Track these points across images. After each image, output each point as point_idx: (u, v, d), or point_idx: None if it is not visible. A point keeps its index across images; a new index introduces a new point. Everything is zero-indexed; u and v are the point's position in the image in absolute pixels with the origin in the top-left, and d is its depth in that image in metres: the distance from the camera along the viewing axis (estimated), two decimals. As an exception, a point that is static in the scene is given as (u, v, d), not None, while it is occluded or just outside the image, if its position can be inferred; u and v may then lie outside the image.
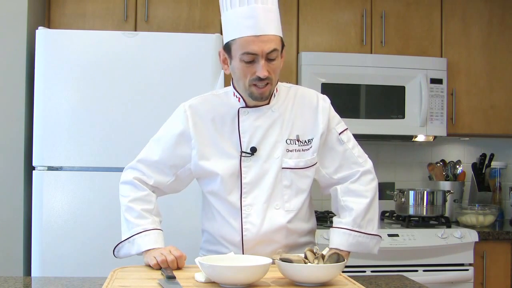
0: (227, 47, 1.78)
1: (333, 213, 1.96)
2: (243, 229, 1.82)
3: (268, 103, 1.86)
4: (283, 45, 1.81)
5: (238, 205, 1.82)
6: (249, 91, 1.79)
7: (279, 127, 1.85)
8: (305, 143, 1.85)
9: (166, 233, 1.88)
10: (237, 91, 1.86)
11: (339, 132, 1.91)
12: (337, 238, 1.87)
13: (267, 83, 1.77)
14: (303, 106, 1.89)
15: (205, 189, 1.90)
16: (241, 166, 1.83)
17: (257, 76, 1.74)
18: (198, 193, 2.00)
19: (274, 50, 1.74)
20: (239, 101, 1.87)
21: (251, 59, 1.73)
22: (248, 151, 1.83)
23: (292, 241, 1.85)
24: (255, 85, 1.76)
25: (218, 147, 1.85)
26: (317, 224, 2.02)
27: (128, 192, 1.88)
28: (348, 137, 1.92)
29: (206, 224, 1.93)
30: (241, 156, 1.83)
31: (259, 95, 1.78)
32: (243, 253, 1.82)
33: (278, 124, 1.85)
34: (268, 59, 1.74)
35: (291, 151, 1.84)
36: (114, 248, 1.87)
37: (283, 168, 1.83)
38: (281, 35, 1.80)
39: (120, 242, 1.85)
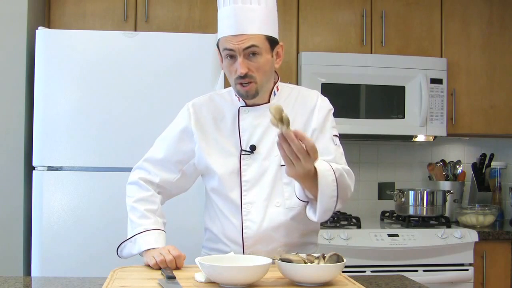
0: (218, 46, 1.84)
1: (333, 213, 1.90)
2: (243, 227, 1.82)
3: (268, 102, 1.87)
4: (273, 44, 1.81)
5: (239, 203, 1.83)
6: (236, 89, 1.83)
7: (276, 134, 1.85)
8: None
9: (168, 231, 1.89)
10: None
11: (333, 134, 1.90)
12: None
13: (251, 82, 1.78)
14: (303, 106, 1.90)
15: (208, 186, 1.92)
16: (241, 164, 1.84)
17: (238, 75, 1.77)
18: (200, 192, 2.00)
19: (252, 46, 1.75)
20: (239, 100, 1.89)
21: (230, 55, 1.77)
22: (248, 149, 1.84)
23: (292, 239, 1.85)
24: (240, 83, 1.79)
25: (219, 145, 1.87)
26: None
27: (133, 193, 1.91)
28: (338, 143, 1.91)
29: (208, 222, 1.94)
30: (240, 154, 1.84)
31: (244, 93, 1.81)
32: (243, 251, 1.82)
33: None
34: (248, 56, 1.76)
35: None
36: (118, 248, 1.88)
37: (282, 165, 1.83)
38: (270, 34, 1.80)
39: (123, 242, 1.87)
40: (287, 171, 1.62)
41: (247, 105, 1.88)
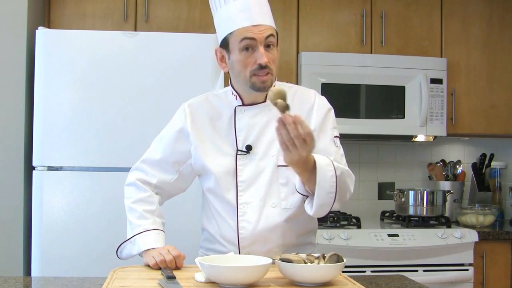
0: (225, 43, 1.81)
1: (333, 213, 1.91)
2: (239, 227, 1.82)
3: (265, 101, 1.87)
4: (277, 39, 1.83)
5: (235, 203, 1.83)
6: (251, 83, 1.79)
7: (275, 125, 1.85)
8: None
9: (167, 232, 1.89)
10: (234, 90, 1.88)
11: (334, 136, 1.89)
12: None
13: (268, 73, 1.78)
14: (301, 105, 1.89)
15: (204, 186, 1.92)
16: (237, 164, 1.84)
17: (258, 64, 1.75)
18: (198, 192, 2.00)
19: (271, 35, 1.77)
20: (236, 99, 1.88)
21: (250, 45, 1.75)
22: (244, 149, 1.84)
23: (289, 240, 1.85)
24: (256, 75, 1.77)
25: (215, 146, 1.87)
26: (318, 224, 2.01)
27: (131, 194, 1.91)
28: (339, 144, 1.91)
29: (205, 222, 1.95)
30: (236, 154, 1.84)
31: (261, 84, 1.78)
32: (239, 252, 1.82)
33: (275, 122, 1.85)
34: (267, 46, 1.76)
35: None
36: (117, 249, 1.88)
37: (278, 166, 1.83)
38: (275, 27, 1.82)
39: (123, 243, 1.87)
40: (284, 157, 1.62)
41: (243, 105, 1.88)
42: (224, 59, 1.84)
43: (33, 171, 2.75)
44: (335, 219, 3.21)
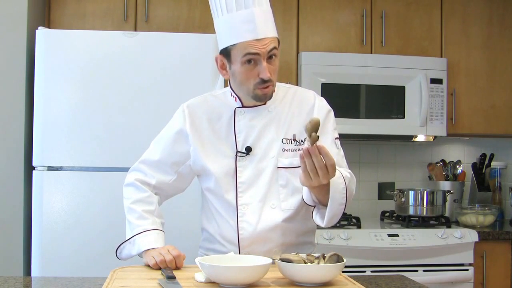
0: (226, 52, 1.79)
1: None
2: (239, 228, 1.82)
3: (265, 103, 1.87)
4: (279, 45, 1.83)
5: (234, 204, 1.83)
6: (253, 94, 1.80)
7: (275, 127, 1.86)
8: (301, 143, 1.85)
9: (166, 232, 1.89)
10: (234, 92, 1.88)
11: (335, 137, 1.90)
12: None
13: (269, 85, 1.78)
14: (300, 106, 1.89)
15: (203, 186, 1.92)
16: (237, 165, 1.84)
17: (261, 79, 1.75)
18: (197, 192, 2.01)
19: (274, 48, 1.76)
20: (235, 101, 1.88)
21: (253, 59, 1.74)
22: (243, 150, 1.84)
23: (289, 240, 1.85)
24: (261, 88, 1.78)
25: (214, 147, 1.87)
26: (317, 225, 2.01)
27: (130, 194, 1.91)
28: (340, 146, 1.91)
29: (205, 222, 1.95)
30: (236, 155, 1.84)
31: (263, 96, 1.80)
32: (239, 252, 1.82)
33: (274, 123, 1.86)
34: (269, 58, 1.76)
35: (287, 150, 1.84)
36: (116, 250, 1.88)
37: (278, 167, 1.83)
38: (278, 36, 1.81)
39: (122, 243, 1.87)
40: (302, 181, 1.64)
41: (243, 106, 1.88)
42: (225, 66, 1.83)
43: (33, 171, 2.75)
44: (335, 219, 3.21)
